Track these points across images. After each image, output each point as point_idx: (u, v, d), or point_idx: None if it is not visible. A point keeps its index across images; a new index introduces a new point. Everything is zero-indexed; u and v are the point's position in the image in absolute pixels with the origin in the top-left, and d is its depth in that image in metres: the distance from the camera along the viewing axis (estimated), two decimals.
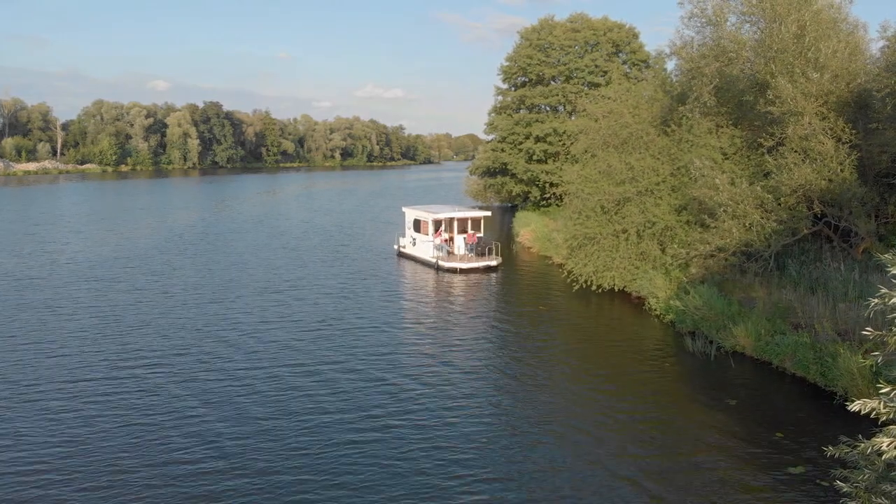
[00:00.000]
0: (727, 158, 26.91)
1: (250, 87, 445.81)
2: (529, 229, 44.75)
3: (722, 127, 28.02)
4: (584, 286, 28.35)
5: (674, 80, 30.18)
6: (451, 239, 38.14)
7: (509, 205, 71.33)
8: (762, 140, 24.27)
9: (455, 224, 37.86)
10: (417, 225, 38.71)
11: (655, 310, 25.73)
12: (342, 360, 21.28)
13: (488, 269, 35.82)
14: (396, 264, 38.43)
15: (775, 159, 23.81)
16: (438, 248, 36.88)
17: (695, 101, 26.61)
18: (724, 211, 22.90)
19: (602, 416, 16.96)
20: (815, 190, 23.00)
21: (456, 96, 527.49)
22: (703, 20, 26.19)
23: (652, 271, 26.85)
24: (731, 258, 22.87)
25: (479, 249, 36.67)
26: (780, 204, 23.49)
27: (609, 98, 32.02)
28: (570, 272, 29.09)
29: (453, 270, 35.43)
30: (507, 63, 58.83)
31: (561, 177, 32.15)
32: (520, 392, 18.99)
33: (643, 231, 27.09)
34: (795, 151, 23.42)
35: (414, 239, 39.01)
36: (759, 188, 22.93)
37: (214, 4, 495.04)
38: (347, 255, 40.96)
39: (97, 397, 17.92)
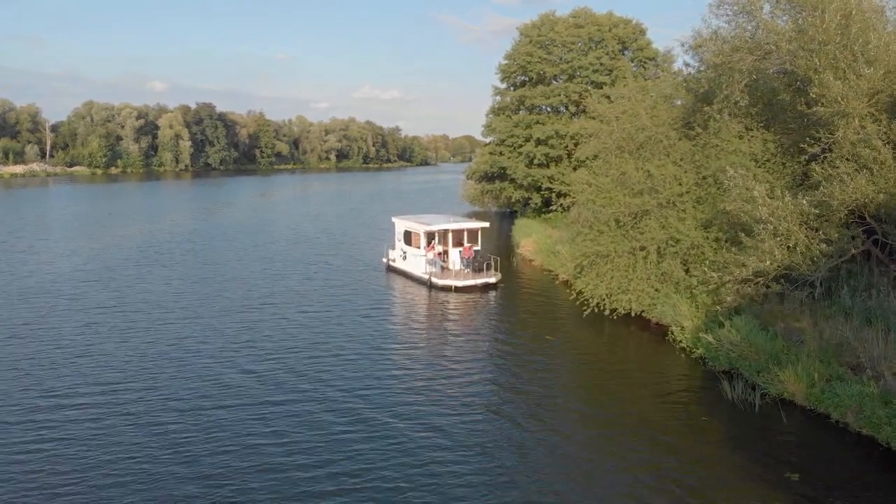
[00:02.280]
0: (760, 166, 23.46)
1: (249, 89, 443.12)
2: (531, 240, 41.21)
3: (752, 130, 24.58)
4: (596, 310, 24.86)
5: (696, 76, 26.50)
6: (446, 253, 34.61)
7: (508, 210, 67.84)
8: (805, 145, 20.78)
9: (450, 236, 34.31)
10: (408, 237, 35.14)
11: (681, 341, 22.24)
12: (316, 394, 18.23)
13: (486, 288, 32.29)
14: (385, 280, 34.90)
15: (822, 168, 20.34)
16: (431, 262, 33.34)
17: (724, 101, 23.13)
18: (764, 228, 19.40)
19: (623, 484, 13.51)
20: (872, 205, 19.52)
21: (454, 97, 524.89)
22: (736, 8, 22.68)
23: (675, 296, 23.39)
24: (774, 286, 19.36)
25: (476, 265, 33.13)
26: (827, 220, 20.01)
27: (622, 97, 28.41)
28: (579, 293, 25.60)
29: (447, 288, 31.89)
30: (506, 61, 55.33)
31: (567, 184, 28.55)
32: (521, 442, 15.72)
33: (664, 249, 23.61)
34: (847, 159, 19.95)
35: (404, 252, 35.45)
36: (805, 202, 19.44)
37: (213, 5, 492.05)
38: (333, 269, 37.44)
39: (41, 432, 14.62)
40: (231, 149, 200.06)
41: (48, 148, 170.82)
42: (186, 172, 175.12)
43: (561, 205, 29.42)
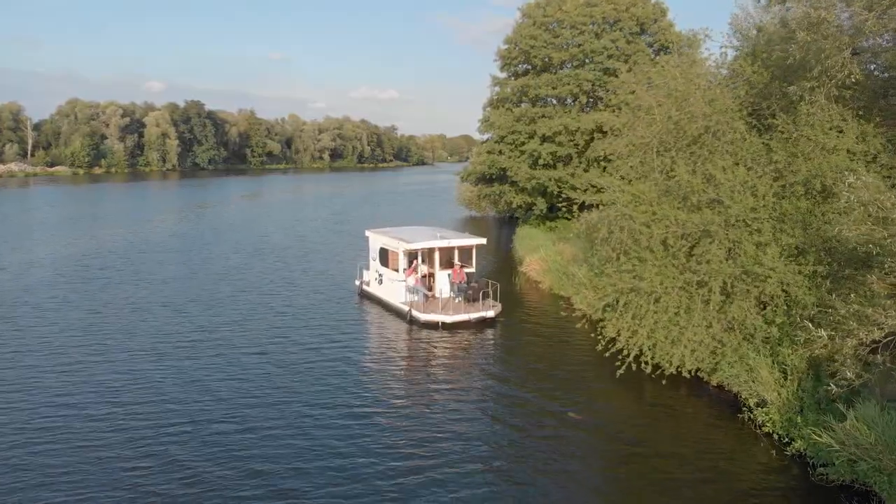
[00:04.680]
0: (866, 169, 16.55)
1: (247, 89, 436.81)
2: (538, 257, 34.15)
3: (846, 120, 17.64)
4: (633, 366, 17.81)
5: (773, 41, 19.21)
6: (431, 276, 27.58)
7: (508, 215, 60.86)
8: None
9: (436, 255, 27.22)
10: (384, 256, 28.06)
11: (765, 425, 15.35)
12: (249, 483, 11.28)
13: (483, 323, 25.29)
14: (356, 310, 27.88)
15: None
16: (412, 290, 26.31)
17: (820, 77, 16.18)
18: None
19: None
20: None
21: (452, 98, 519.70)
22: None
23: (752, 354, 16.44)
24: None
25: (469, 293, 25.98)
26: None
27: (664, 74, 21.12)
28: (609, 343, 18.55)
29: (433, 325, 24.82)
30: (507, 46, 48.25)
31: (593, 189, 21.47)
32: None
33: (734, 287, 16.63)
34: None
35: (380, 275, 28.39)
36: None
37: (213, 5, 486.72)
38: (294, 292, 30.41)
39: None
40: (220, 148, 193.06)
41: (30, 147, 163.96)
42: (173, 172, 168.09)
43: (571, 211, 22.36)
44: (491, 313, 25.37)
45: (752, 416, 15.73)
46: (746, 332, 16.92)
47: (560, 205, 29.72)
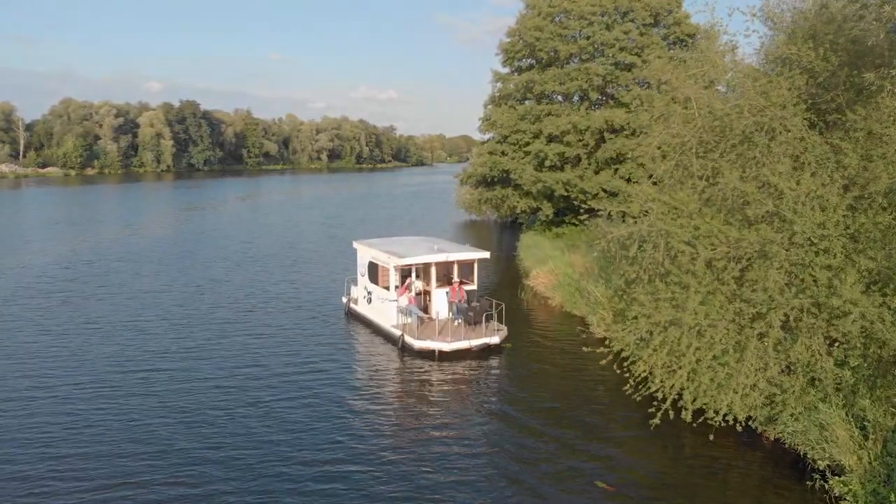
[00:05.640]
0: None
1: (246, 89, 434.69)
2: (546, 269, 30.90)
3: None
4: (671, 412, 14.54)
5: (840, 15, 15.98)
6: (427, 294, 24.37)
7: (511, 219, 57.67)
8: None
9: (432, 271, 24.00)
10: (374, 271, 24.83)
11: (844, 498, 12.18)
12: None
13: (487, 351, 22.07)
14: (342, 333, 24.65)
15: None
16: (405, 311, 23.07)
17: None
18: None
19: None
20: None
21: (451, 98, 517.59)
22: None
23: (822, 405, 13.27)
24: None
25: (471, 315, 22.70)
26: None
27: (705, 59, 17.86)
28: (640, 383, 15.34)
29: (428, 353, 21.61)
30: (510, 39, 45.03)
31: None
32: None
33: (799, 321, 13.45)
34: None
35: (369, 293, 25.16)
36: None
37: (213, 5, 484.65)
38: (276, 310, 27.21)
39: None
40: (216, 148, 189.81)
41: (21, 148, 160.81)
42: (168, 173, 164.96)
43: (598, 227, 19.13)
44: (495, 339, 22.13)
45: (826, 484, 12.55)
46: (812, 374, 13.73)
47: (581, 217, 26.32)
